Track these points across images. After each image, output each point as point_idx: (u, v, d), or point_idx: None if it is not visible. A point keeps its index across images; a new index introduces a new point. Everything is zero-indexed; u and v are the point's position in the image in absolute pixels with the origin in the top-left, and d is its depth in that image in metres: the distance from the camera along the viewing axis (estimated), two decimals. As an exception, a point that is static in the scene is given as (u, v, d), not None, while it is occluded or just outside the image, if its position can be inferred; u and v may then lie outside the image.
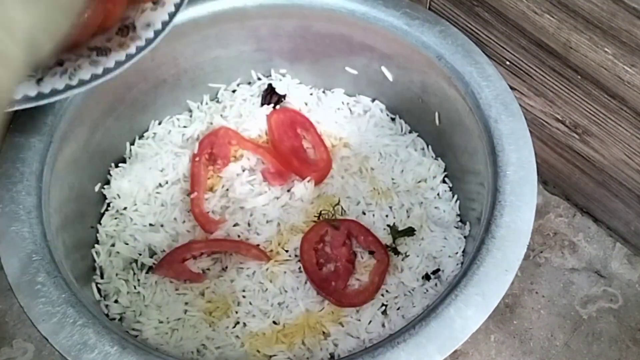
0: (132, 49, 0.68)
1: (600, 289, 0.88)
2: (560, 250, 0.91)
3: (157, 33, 0.70)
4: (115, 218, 0.89)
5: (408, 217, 0.87)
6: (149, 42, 0.69)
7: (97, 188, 0.89)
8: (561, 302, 0.87)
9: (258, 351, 0.78)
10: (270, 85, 0.98)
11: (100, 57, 0.67)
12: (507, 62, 0.85)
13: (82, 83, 0.66)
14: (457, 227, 0.87)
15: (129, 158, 0.93)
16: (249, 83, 0.99)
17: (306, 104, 0.99)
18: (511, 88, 0.80)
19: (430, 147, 0.94)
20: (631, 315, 0.86)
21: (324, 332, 0.80)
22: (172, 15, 0.70)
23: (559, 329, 0.85)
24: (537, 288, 0.88)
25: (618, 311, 0.86)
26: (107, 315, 0.81)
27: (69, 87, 0.65)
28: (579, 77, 0.77)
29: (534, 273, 0.89)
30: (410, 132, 0.96)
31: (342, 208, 0.88)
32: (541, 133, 0.89)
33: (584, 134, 0.83)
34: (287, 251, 0.85)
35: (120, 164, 0.92)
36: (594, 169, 0.86)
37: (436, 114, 0.89)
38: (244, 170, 0.91)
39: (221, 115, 0.97)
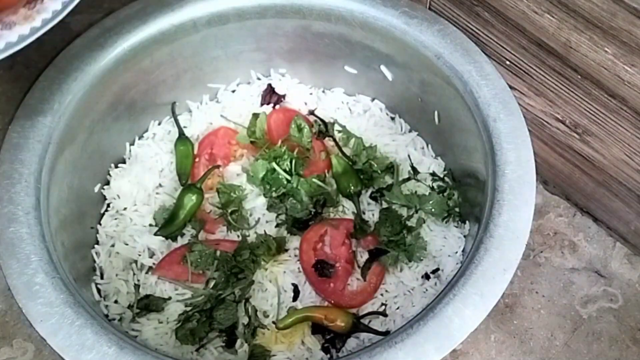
0: (37, 22, 0.64)
1: (600, 288, 0.88)
2: (560, 250, 0.91)
3: (65, 4, 0.65)
4: (115, 219, 0.89)
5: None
6: (55, 14, 0.65)
7: (96, 189, 0.89)
8: (561, 301, 0.87)
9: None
10: (269, 85, 0.98)
11: (4, 31, 0.63)
12: (507, 62, 0.84)
13: None
14: (456, 227, 0.87)
15: (129, 158, 0.93)
16: (249, 83, 0.99)
17: (306, 104, 0.99)
18: (511, 88, 0.80)
19: (430, 146, 0.94)
20: (631, 315, 0.86)
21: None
22: None
23: (559, 328, 0.85)
24: (537, 288, 0.88)
25: (618, 311, 0.86)
26: (106, 315, 0.81)
27: None
28: (579, 76, 0.77)
29: (534, 273, 0.89)
30: (410, 131, 0.96)
31: (343, 207, 0.89)
32: (541, 133, 0.88)
33: (584, 133, 0.83)
34: (287, 251, 0.85)
35: (120, 165, 0.92)
36: (594, 169, 0.86)
37: (435, 112, 0.89)
38: (244, 170, 0.91)
39: (221, 115, 0.96)
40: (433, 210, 0.86)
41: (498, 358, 0.83)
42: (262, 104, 0.98)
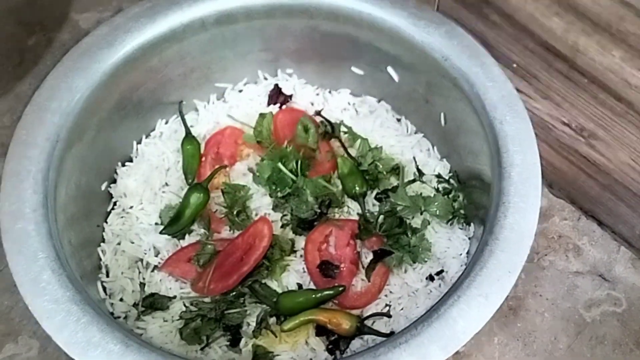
0: None
1: (604, 292, 0.88)
2: (565, 254, 0.91)
3: None
4: (122, 217, 0.89)
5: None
6: None
7: (103, 187, 0.89)
8: (565, 305, 0.87)
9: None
10: (276, 85, 0.98)
11: None
12: (514, 65, 0.84)
13: None
14: (461, 229, 0.87)
15: (136, 157, 0.94)
16: (256, 83, 1.00)
17: (312, 104, 0.99)
18: (518, 91, 0.80)
19: (435, 148, 0.94)
20: (635, 319, 0.86)
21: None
22: None
23: (562, 332, 0.85)
24: (541, 291, 0.88)
25: (622, 315, 0.86)
26: (112, 313, 0.81)
27: None
28: (586, 80, 0.77)
29: (538, 276, 0.89)
30: (415, 132, 0.96)
31: (348, 207, 0.89)
32: (547, 136, 0.88)
33: (590, 137, 0.83)
34: (295, 252, 0.86)
35: (126, 163, 0.92)
36: (599, 173, 0.86)
37: (442, 114, 0.89)
38: (250, 170, 0.91)
39: (228, 115, 0.97)
40: (438, 212, 0.86)
41: (501, 360, 0.83)
42: (268, 104, 0.98)
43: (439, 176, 0.91)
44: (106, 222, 0.89)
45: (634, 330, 0.85)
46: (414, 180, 0.90)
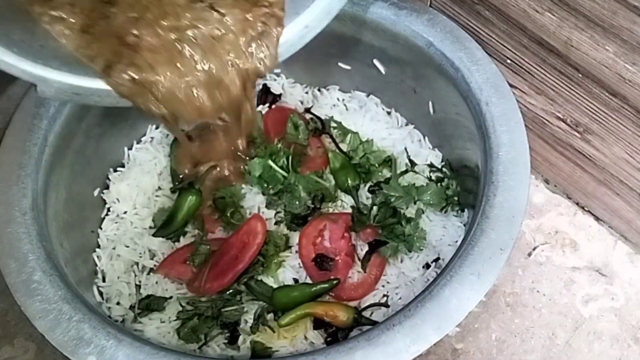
0: None
1: (601, 287, 0.87)
2: (562, 249, 0.90)
3: None
4: (116, 222, 0.89)
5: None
6: None
7: (96, 193, 0.90)
8: (562, 300, 0.86)
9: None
10: (265, 85, 0.98)
11: None
12: (508, 61, 0.84)
13: None
14: (456, 216, 0.87)
15: (127, 163, 0.94)
16: (244, 84, 0.99)
17: (302, 103, 0.99)
18: (512, 86, 0.80)
19: (427, 138, 0.95)
20: (632, 313, 0.85)
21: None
22: None
23: (560, 327, 0.85)
24: (538, 287, 0.88)
25: (619, 310, 0.86)
26: (109, 317, 0.81)
27: None
28: (580, 75, 0.77)
29: (535, 272, 0.88)
30: (406, 124, 0.97)
31: (341, 201, 0.89)
32: (542, 131, 0.88)
33: (585, 132, 0.83)
34: (289, 247, 0.86)
35: (118, 168, 0.93)
36: (595, 168, 0.86)
37: (430, 103, 0.90)
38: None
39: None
40: (431, 200, 0.87)
41: (499, 357, 0.83)
42: (258, 105, 0.97)
43: (431, 165, 0.91)
44: (100, 228, 0.89)
45: (631, 325, 0.85)
46: (406, 171, 0.90)
